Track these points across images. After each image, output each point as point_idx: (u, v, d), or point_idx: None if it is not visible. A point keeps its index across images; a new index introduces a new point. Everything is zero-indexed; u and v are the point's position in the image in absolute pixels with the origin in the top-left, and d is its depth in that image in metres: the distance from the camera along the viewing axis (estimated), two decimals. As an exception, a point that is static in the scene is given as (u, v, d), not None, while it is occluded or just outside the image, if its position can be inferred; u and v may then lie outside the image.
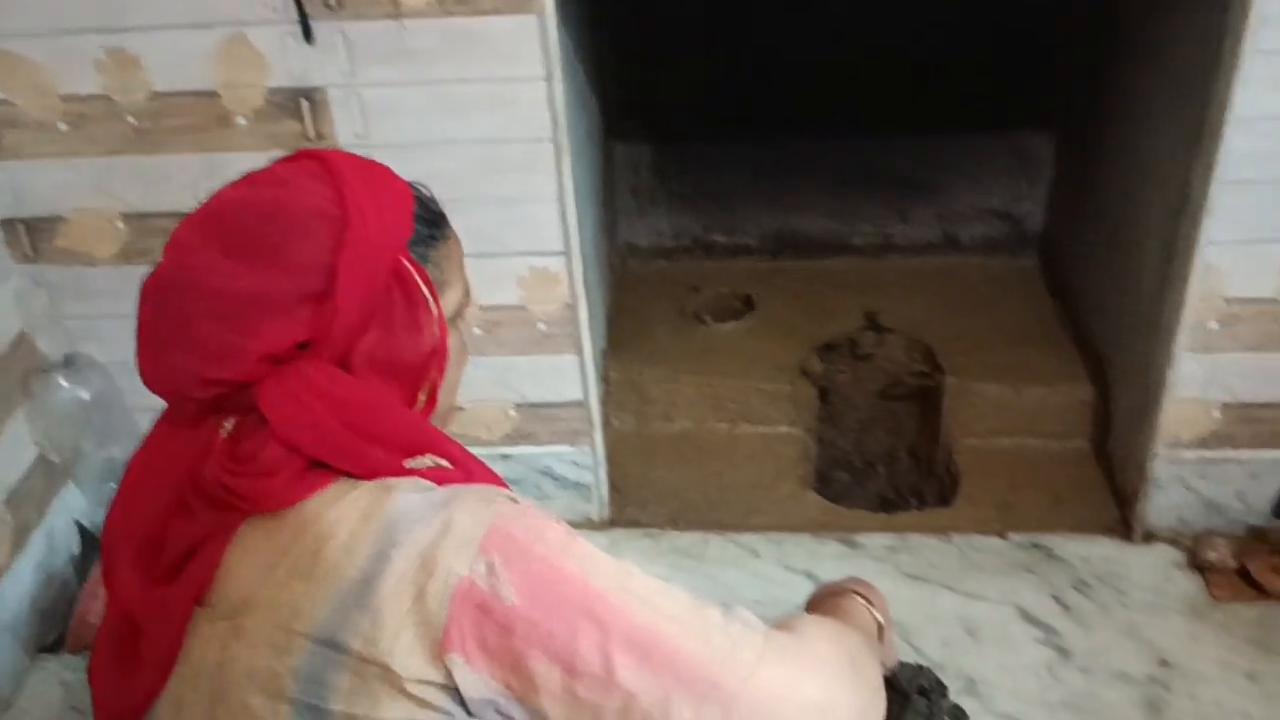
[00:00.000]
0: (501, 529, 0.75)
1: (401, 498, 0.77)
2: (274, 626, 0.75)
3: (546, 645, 0.74)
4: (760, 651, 0.78)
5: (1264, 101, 1.39)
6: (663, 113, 2.35)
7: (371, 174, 0.86)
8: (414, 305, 0.83)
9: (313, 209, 0.80)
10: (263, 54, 1.45)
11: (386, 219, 0.83)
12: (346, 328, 0.79)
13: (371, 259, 0.80)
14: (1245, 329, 1.57)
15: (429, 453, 0.82)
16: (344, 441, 0.78)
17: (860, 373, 2.22)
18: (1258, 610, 1.64)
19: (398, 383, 0.84)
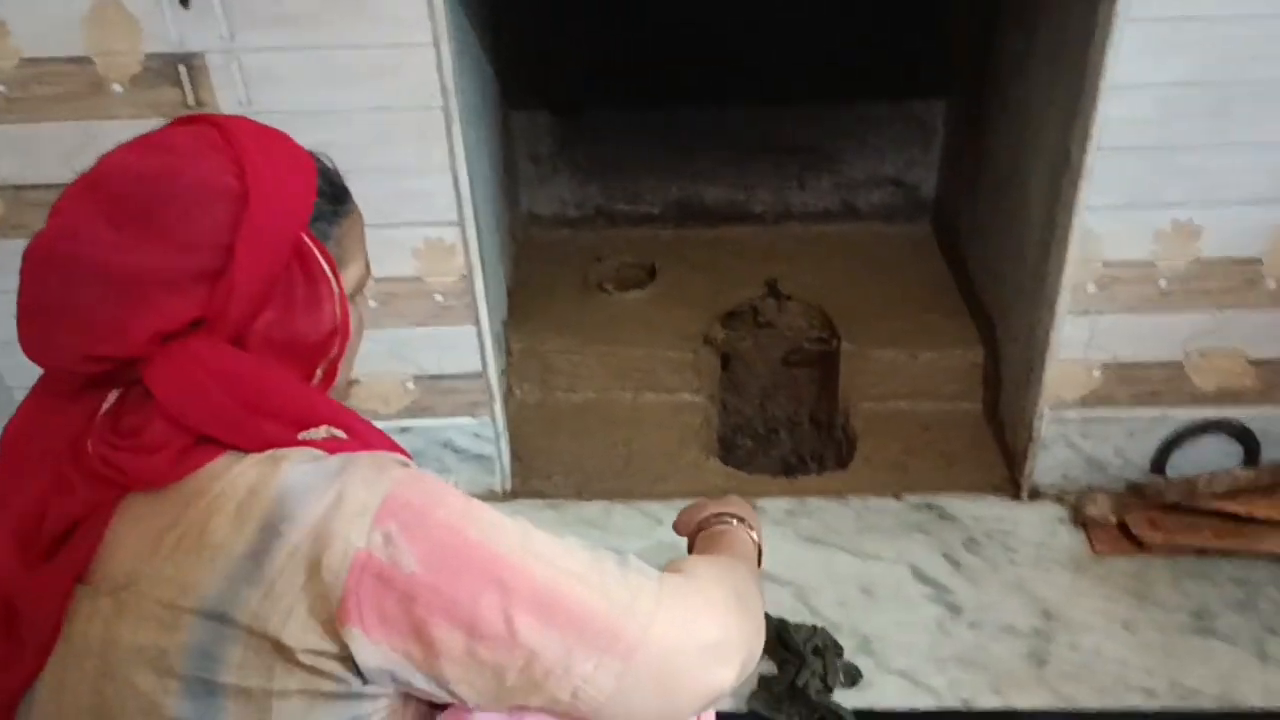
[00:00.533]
0: (398, 497, 0.75)
1: (292, 469, 0.76)
2: (159, 603, 0.74)
3: (449, 611, 0.75)
4: (656, 598, 0.81)
5: (1137, 69, 1.42)
6: (563, 81, 2.33)
7: (274, 145, 0.83)
8: (315, 283, 0.82)
9: (210, 182, 0.77)
10: (136, 18, 1.40)
11: (289, 195, 0.81)
12: (242, 307, 0.78)
13: (272, 237, 0.78)
14: (1123, 291, 1.62)
15: (324, 424, 0.81)
16: (234, 416, 0.77)
17: (762, 340, 2.25)
18: (1136, 562, 1.71)
19: (295, 359, 0.83)
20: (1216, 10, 1.38)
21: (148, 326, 0.75)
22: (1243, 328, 1.66)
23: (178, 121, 0.84)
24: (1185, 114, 1.46)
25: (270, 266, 0.79)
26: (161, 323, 0.75)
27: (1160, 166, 1.50)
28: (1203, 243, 1.58)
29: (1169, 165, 1.50)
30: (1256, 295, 1.62)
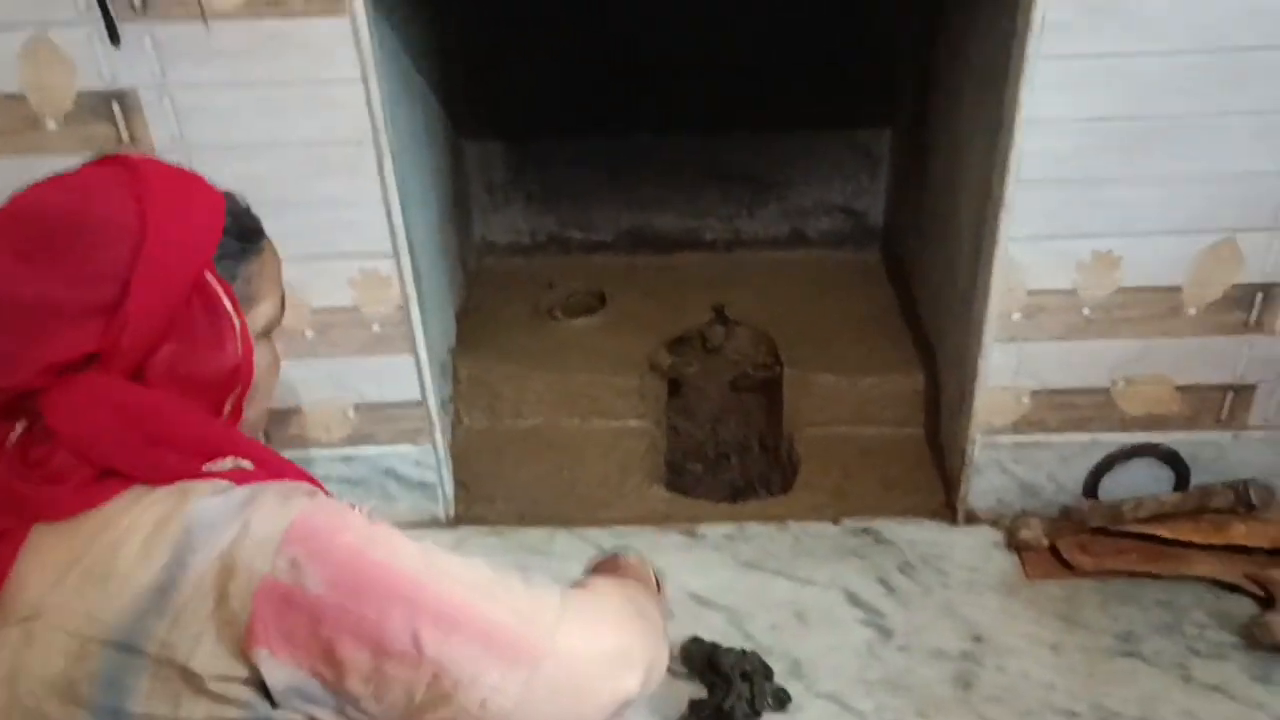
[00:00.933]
0: (302, 523, 0.77)
1: (199, 502, 0.78)
2: (67, 633, 0.76)
3: (355, 629, 0.77)
4: (559, 611, 0.84)
5: (1051, 104, 1.46)
6: (515, 112, 2.36)
7: (180, 184, 0.86)
8: (217, 319, 0.84)
9: (110, 218, 0.79)
10: (69, 56, 1.43)
11: (190, 232, 0.83)
12: (138, 341, 0.79)
13: (169, 272, 0.80)
14: (1048, 320, 1.65)
15: (230, 455, 0.83)
16: (134, 448, 0.78)
17: (711, 365, 2.27)
18: (1066, 586, 1.73)
19: (200, 394, 0.84)
20: (1127, 48, 1.42)
21: (41, 358, 0.77)
22: (1167, 354, 1.69)
23: (93, 162, 0.86)
24: (1100, 148, 1.49)
25: (168, 301, 0.80)
26: (55, 354, 0.77)
27: (1077, 198, 1.54)
28: (1123, 272, 1.61)
29: (1086, 197, 1.53)
30: (1179, 323, 1.65)
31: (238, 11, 1.40)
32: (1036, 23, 1.41)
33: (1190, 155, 1.50)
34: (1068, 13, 1.40)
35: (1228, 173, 1.50)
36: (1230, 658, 1.58)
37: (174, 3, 1.40)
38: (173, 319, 0.81)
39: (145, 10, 1.40)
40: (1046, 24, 1.41)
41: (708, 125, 2.35)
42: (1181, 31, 1.40)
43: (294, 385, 1.74)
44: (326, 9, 1.40)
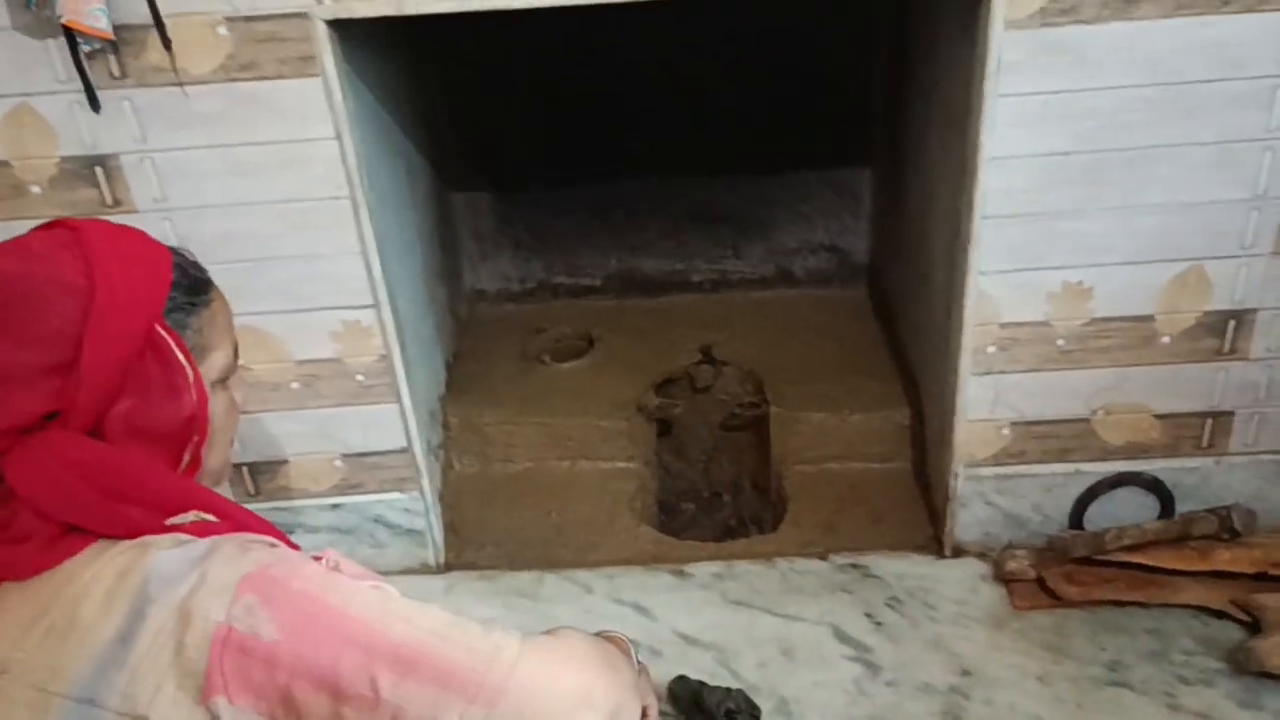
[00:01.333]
0: (258, 572, 0.80)
1: (158, 555, 0.80)
2: (31, 687, 0.77)
3: (311, 674, 0.78)
4: (519, 651, 0.84)
5: (1010, 142, 1.49)
6: (501, 162, 2.41)
7: (125, 242, 0.88)
8: (170, 371, 0.86)
9: (57, 280, 0.82)
10: (51, 123, 1.47)
11: (138, 288, 0.85)
12: (94, 398, 0.82)
13: (120, 329, 0.83)
14: (1022, 352, 1.67)
15: (193, 509, 0.85)
16: (97, 507, 0.81)
17: (701, 405, 2.29)
18: (1055, 616, 1.73)
19: (158, 446, 0.87)
20: (1081, 84, 1.45)
21: (2, 421, 0.79)
22: (1144, 383, 1.70)
23: (37, 228, 0.89)
24: (1061, 182, 1.52)
25: (120, 357, 0.83)
26: (12, 418, 0.80)
27: (1043, 232, 1.56)
28: (1095, 303, 1.63)
29: (1051, 230, 1.56)
30: (1153, 351, 1.67)
31: (213, 76, 1.44)
32: (993, 63, 1.44)
33: (1150, 186, 1.52)
34: (1022, 53, 1.43)
35: (1189, 202, 1.53)
36: (1217, 684, 1.58)
37: (151, 69, 1.44)
38: (127, 374, 0.83)
39: (124, 77, 1.45)
40: (1003, 64, 1.44)
41: (692, 169, 2.38)
42: (1133, 67, 1.43)
43: (281, 437, 1.76)
44: (298, 70, 1.44)
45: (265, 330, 1.65)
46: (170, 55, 1.43)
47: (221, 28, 1.42)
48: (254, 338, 1.65)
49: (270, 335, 1.66)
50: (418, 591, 1.83)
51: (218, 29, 1.42)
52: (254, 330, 1.65)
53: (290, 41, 1.43)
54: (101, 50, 1.43)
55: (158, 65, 1.44)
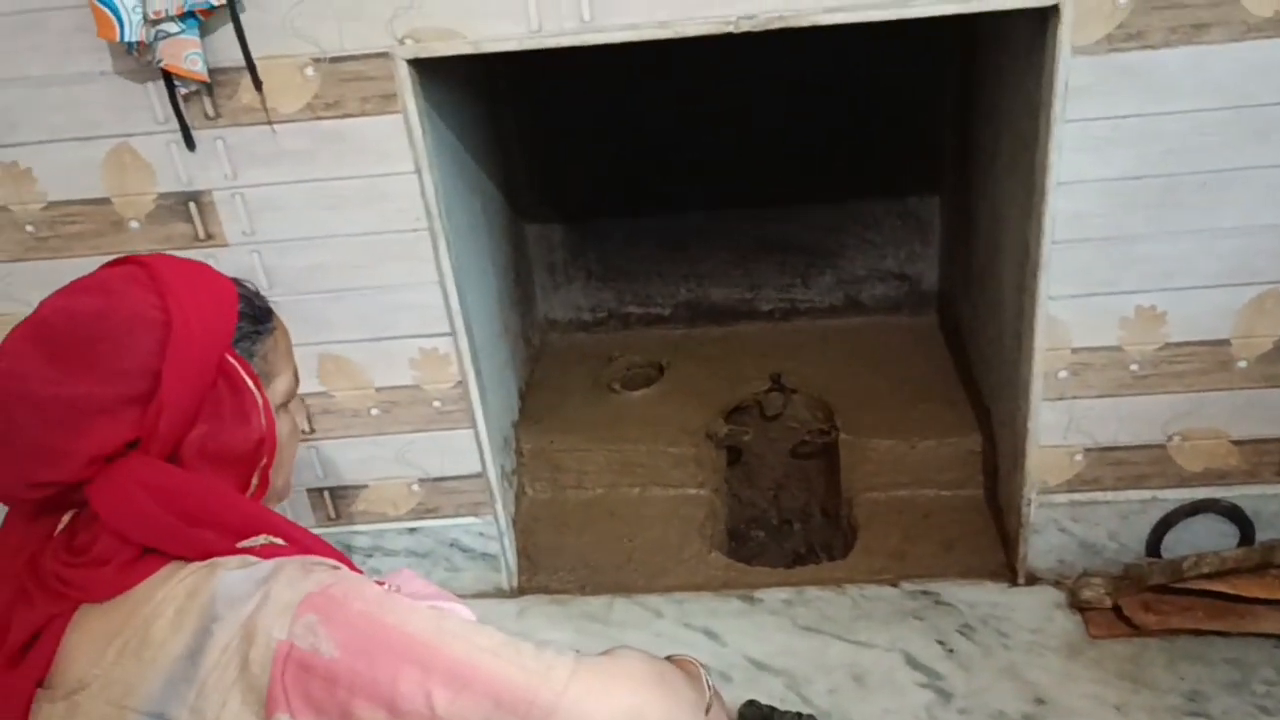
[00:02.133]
0: (319, 592, 0.82)
1: (225, 575, 0.83)
2: (107, 703, 0.81)
3: (370, 691, 0.81)
4: (572, 669, 0.86)
5: (1078, 166, 1.49)
6: (573, 194, 2.46)
7: (195, 276, 0.92)
8: (240, 398, 0.90)
9: (136, 315, 0.85)
10: (149, 162, 1.55)
11: (210, 320, 0.89)
12: (172, 426, 0.85)
13: (196, 359, 0.87)
14: (1095, 377, 1.66)
15: (263, 533, 0.89)
16: (175, 529, 0.84)
17: (770, 433, 2.31)
18: (1132, 645, 1.70)
19: (230, 470, 0.90)
20: (1149, 109, 1.45)
21: (85, 451, 0.83)
22: (1221, 409, 1.68)
23: (108, 264, 0.93)
24: (1131, 206, 1.52)
25: (197, 386, 0.87)
26: (98, 447, 0.83)
27: (1114, 256, 1.56)
28: (1169, 327, 1.61)
29: (1122, 255, 1.55)
30: (1230, 376, 1.65)
31: (300, 114, 1.51)
32: (1060, 89, 1.45)
33: (1224, 210, 1.51)
34: (1089, 79, 1.43)
35: (1262, 225, 1.52)
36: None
37: (243, 109, 1.51)
38: (202, 401, 0.87)
39: (218, 117, 1.53)
40: (1070, 90, 1.45)
41: (759, 199, 2.41)
42: (1203, 91, 1.43)
43: (360, 462, 1.82)
44: (381, 108, 1.51)
45: (347, 358, 1.71)
46: (261, 96, 1.50)
47: (309, 69, 1.49)
48: (336, 365, 1.72)
49: (352, 363, 1.72)
50: (491, 615, 1.87)
51: (305, 70, 1.49)
52: (336, 358, 1.71)
53: (373, 80, 1.50)
54: (197, 92, 1.51)
55: (249, 105, 1.52)
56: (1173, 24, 1.40)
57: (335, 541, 1.88)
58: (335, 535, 1.90)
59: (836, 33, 1.45)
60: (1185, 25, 1.40)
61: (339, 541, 1.90)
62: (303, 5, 1.45)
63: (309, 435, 1.79)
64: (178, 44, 1.42)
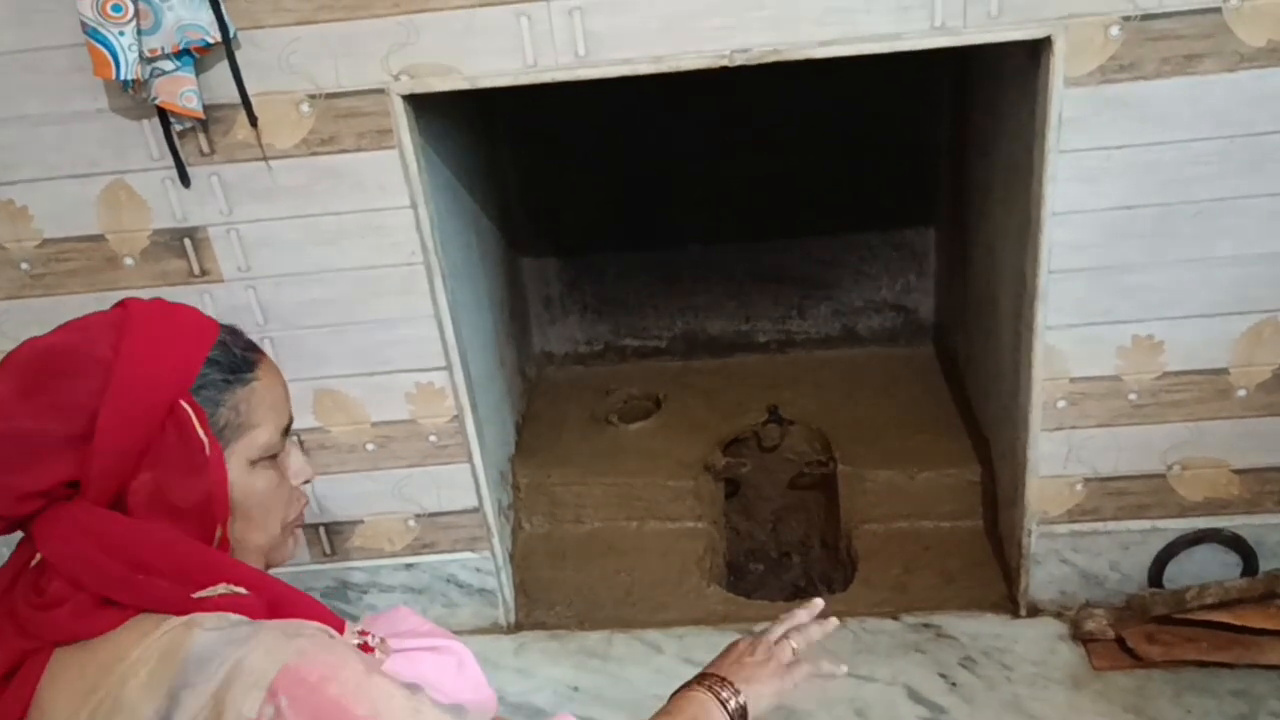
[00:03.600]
0: (294, 669, 0.79)
1: (201, 636, 0.81)
2: None
3: None
4: None
5: (1073, 197, 1.49)
6: (569, 228, 2.46)
7: (169, 320, 0.90)
8: (188, 447, 0.86)
9: (86, 353, 0.84)
10: (144, 199, 1.55)
11: (164, 364, 0.86)
12: (110, 469, 0.83)
13: (137, 403, 0.84)
14: (1094, 407, 1.66)
15: (222, 581, 0.86)
16: (121, 577, 0.82)
17: (768, 465, 2.30)
18: (1136, 678, 1.69)
19: (185, 521, 0.87)
20: (1143, 139, 1.46)
21: (21, 487, 0.82)
22: (1221, 438, 1.67)
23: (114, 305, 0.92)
24: (1128, 235, 1.52)
25: (137, 431, 0.84)
26: (34, 483, 0.82)
27: (1110, 286, 1.56)
28: (1167, 356, 1.61)
29: (1119, 284, 1.55)
30: (1230, 405, 1.64)
31: (295, 150, 1.52)
32: (1054, 120, 1.45)
33: (1220, 239, 1.51)
34: (1082, 109, 1.44)
35: (1258, 254, 1.52)
36: (1310, 749, 1.53)
37: (238, 145, 1.52)
38: (147, 448, 0.84)
39: (213, 153, 1.53)
40: (1064, 121, 1.45)
41: (755, 231, 2.41)
42: (1197, 121, 1.44)
43: (356, 498, 1.81)
44: (376, 143, 1.51)
45: (343, 393, 1.71)
46: (256, 132, 1.51)
47: (304, 105, 1.49)
48: (332, 400, 1.71)
49: (348, 398, 1.71)
50: (489, 651, 1.86)
51: (300, 106, 1.49)
52: (332, 393, 1.70)
53: (369, 116, 1.50)
54: (192, 129, 1.51)
55: (244, 141, 1.52)
56: (1165, 55, 1.41)
57: (330, 578, 1.88)
58: (331, 571, 1.88)
59: (831, 66, 1.46)
60: (1178, 56, 1.41)
61: (334, 578, 1.89)
62: (298, 42, 1.45)
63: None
64: (173, 81, 1.42)
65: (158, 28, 1.38)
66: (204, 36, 1.40)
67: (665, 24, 1.43)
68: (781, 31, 1.42)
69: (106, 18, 1.35)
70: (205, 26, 1.40)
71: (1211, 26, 1.39)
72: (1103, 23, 1.40)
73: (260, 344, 1.48)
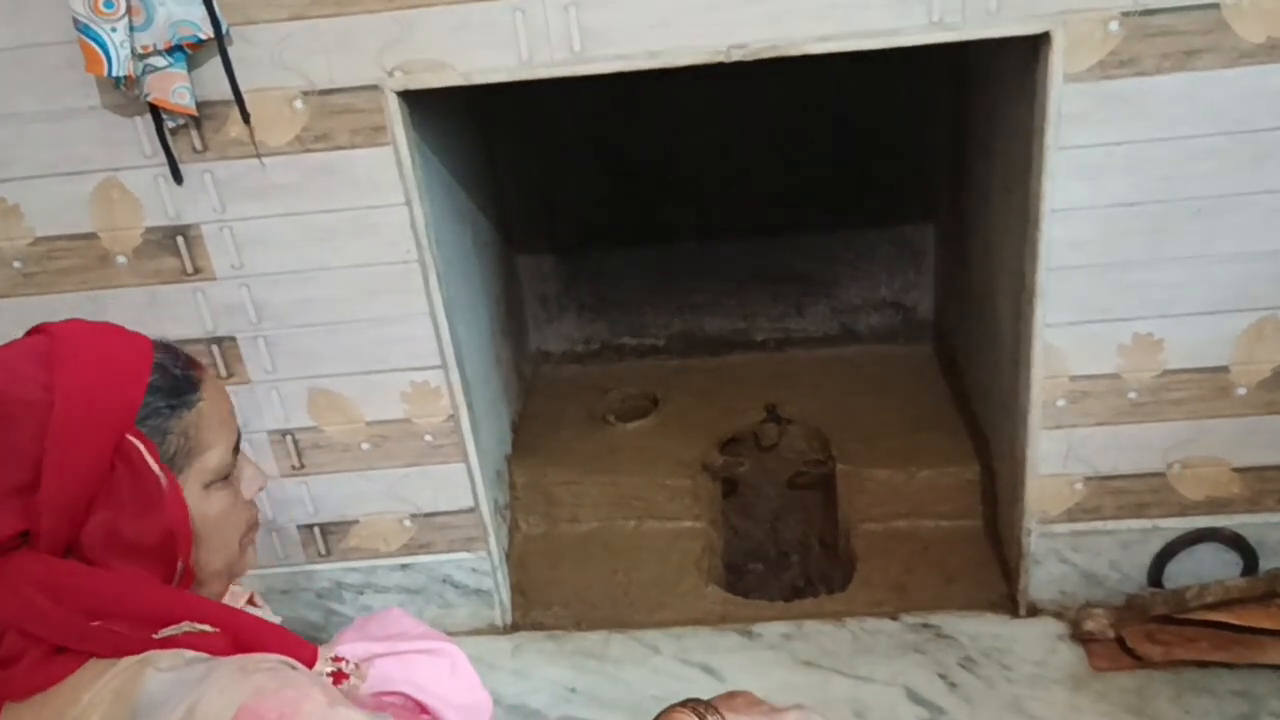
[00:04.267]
0: (251, 709, 0.75)
1: (155, 677, 0.78)
2: None
3: None
4: None
5: (1073, 193, 1.49)
6: (565, 226, 2.45)
7: (100, 347, 0.83)
8: (142, 482, 0.81)
9: (18, 396, 0.78)
10: (136, 196, 1.54)
11: (103, 398, 0.80)
12: (60, 516, 0.78)
13: (81, 444, 0.78)
14: (1093, 405, 1.64)
15: (184, 620, 0.82)
16: (75, 625, 0.78)
17: (766, 464, 2.28)
18: (1136, 678, 1.68)
19: (144, 560, 0.82)
20: (1142, 135, 1.45)
21: None
22: (1221, 436, 1.66)
23: (28, 332, 0.86)
24: (1126, 233, 1.51)
25: (85, 473, 0.79)
26: None
27: (1110, 283, 1.55)
28: (1167, 354, 1.60)
29: (1118, 281, 1.54)
30: (1230, 404, 1.63)
31: (289, 147, 1.51)
32: (1053, 116, 1.44)
33: (1217, 236, 1.50)
34: (1082, 106, 1.43)
35: (1259, 251, 1.51)
36: (1311, 749, 1.52)
37: (231, 142, 1.50)
38: (97, 488, 0.79)
39: (205, 150, 1.52)
40: (1063, 117, 1.44)
41: (753, 229, 2.40)
42: (1197, 117, 1.43)
43: (352, 498, 1.80)
44: (370, 140, 1.50)
45: (337, 392, 1.70)
46: (249, 129, 1.49)
47: (297, 101, 1.48)
48: (326, 400, 1.70)
49: (342, 397, 1.70)
50: (485, 653, 1.84)
51: (294, 103, 1.48)
52: (326, 392, 1.69)
53: (362, 113, 1.49)
54: (185, 126, 1.50)
55: (237, 138, 1.51)
56: (1165, 50, 1.40)
57: (325, 579, 1.86)
58: (326, 572, 1.87)
59: (829, 62, 1.45)
60: (1177, 52, 1.40)
61: (329, 579, 1.87)
62: (291, 38, 1.44)
63: (299, 470, 1.76)
64: (165, 78, 1.41)
65: (150, 24, 1.37)
66: (196, 32, 1.39)
67: (661, 19, 1.42)
68: (779, 27, 1.41)
69: (98, 14, 1.34)
70: (197, 22, 1.39)
71: (1211, 22, 1.38)
72: (1102, 18, 1.39)
73: (254, 342, 1.48)
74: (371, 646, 1.05)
